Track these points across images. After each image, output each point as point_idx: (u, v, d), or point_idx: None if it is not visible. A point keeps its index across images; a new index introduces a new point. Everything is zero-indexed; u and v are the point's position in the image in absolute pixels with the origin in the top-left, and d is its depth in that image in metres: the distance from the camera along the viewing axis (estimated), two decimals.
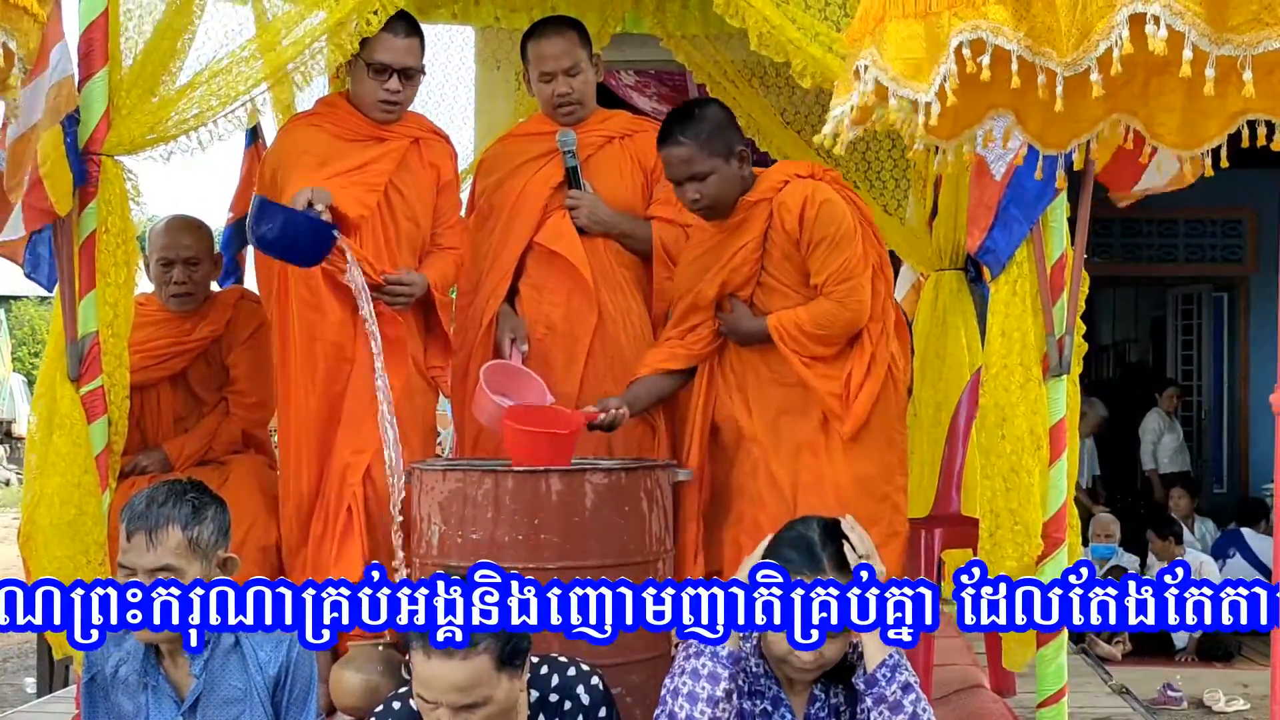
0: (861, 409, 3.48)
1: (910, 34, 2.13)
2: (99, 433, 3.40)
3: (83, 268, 3.38)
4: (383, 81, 3.73)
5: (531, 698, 2.47)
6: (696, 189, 3.50)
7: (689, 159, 3.47)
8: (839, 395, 3.50)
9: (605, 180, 3.95)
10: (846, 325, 3.51)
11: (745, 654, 2.61)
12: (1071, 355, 3.26)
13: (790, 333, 3.51)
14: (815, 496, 3.44)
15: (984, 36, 2.08)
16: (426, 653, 2.27)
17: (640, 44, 5.39)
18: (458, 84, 5.85)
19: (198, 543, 2.61)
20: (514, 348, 3.85)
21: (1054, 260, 3.26)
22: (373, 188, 3.71)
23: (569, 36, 3.89)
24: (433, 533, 3.25)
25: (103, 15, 3.36)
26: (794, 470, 3.53)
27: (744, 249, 3.57)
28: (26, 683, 7.25)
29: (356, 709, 3.35)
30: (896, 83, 2.12)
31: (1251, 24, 1.93)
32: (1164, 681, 7.06)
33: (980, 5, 2.09)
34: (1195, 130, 2.33)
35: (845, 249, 3.47)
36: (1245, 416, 11.04)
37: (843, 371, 3.52)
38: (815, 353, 3.52)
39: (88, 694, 2.72)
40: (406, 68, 3.75)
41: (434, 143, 3.93)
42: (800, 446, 3.54)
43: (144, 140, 3.39)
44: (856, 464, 3.50)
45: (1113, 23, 1.96)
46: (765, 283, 3.60)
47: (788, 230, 3.50)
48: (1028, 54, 2.07)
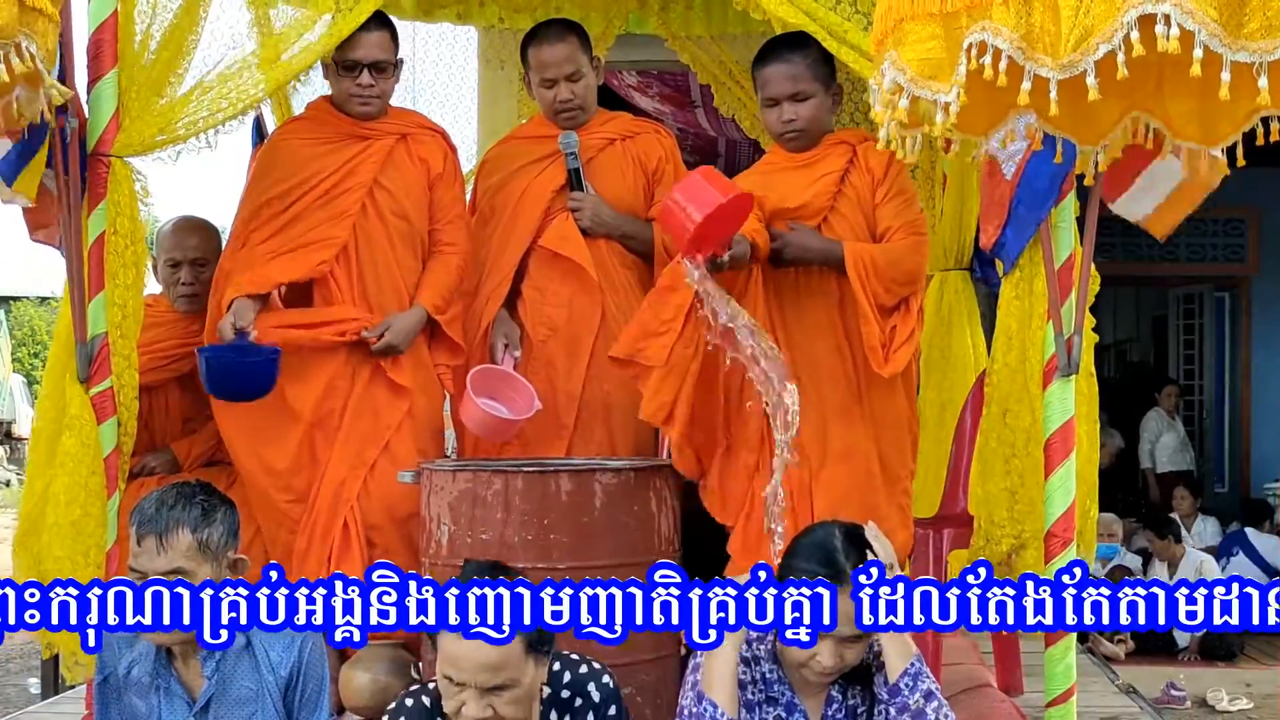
0: (901, 360, 3.42)
1: (929, 34, 2.14)
2: (108, 434, 3.41)
3: (92, 269, 3.38)
4: (354, 77, 3.74)
5: (544, 694, 2.49)
6: (794, 110, 3.48)
7: (795, 76, 3.45)
8: (885, 345, 3.43)
9: (607, 182, 3.95)
10: (910, 274, 3.45)
11: (759, 658, 2.61)
12: (1080, 354, 3.26)
13: (865, 262, 3.40)
14: (843, 466, 3.43)
15: (986, 38, 2.09)
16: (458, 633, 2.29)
17: (642, 44, 5.40)
18: (461, 84, 5.86)
19: (208, 545, 2.61)
20: (506, 353, 3.85)
21: (1062, 260, 3.26)
22: (320, 244, 3.70)
23: (570, 42, 3.88)
24: (443, 533, 3.25)
25: (112, 16, 3.36)
26: (823, 436, 3.47)
27: (826, 178, 3.52)
28: (30, 683, 7.26)
29: (366, 709, 3.35)
30: (914, 83, 2.13)
31: (1267, 30, 1.93)
32: (1167, 681, 7.07)
33: (988, 7, 2.10)
34: (1210, 128, 2.33)
35: (915, 212, 3.50)
36: (1247, 416, 11.05)
37: (888, 324, 3.45)
38: (876, 292, 3.42)
39: (100, 695, 2.72)
40: (376, 61, 3.74)
41: (424, 137, 3.91)
42: (828, 414, 3.48)
43: (153, 142, 3.39)
44: (882, 436, 3.48)
45: (1118, 24, 1.96)
46: (830, 220, 3.54)
47: (871, 169, 3.48)
48: (1019, 56, 2.08)
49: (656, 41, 5.17)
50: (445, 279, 3.84)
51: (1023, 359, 3.49)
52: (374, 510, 3.65)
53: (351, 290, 3.76)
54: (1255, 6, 1.93)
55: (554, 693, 2.52)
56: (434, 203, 3.88)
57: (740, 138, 8.20)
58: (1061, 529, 3.22)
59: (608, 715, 2.53)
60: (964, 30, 2.10)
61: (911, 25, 2.17)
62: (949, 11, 2.12)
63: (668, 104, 7.93)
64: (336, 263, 3.74)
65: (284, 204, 3.72)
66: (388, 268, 3.79)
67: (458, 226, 3.93)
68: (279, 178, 3.74)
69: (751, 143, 5.39)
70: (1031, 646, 3.63)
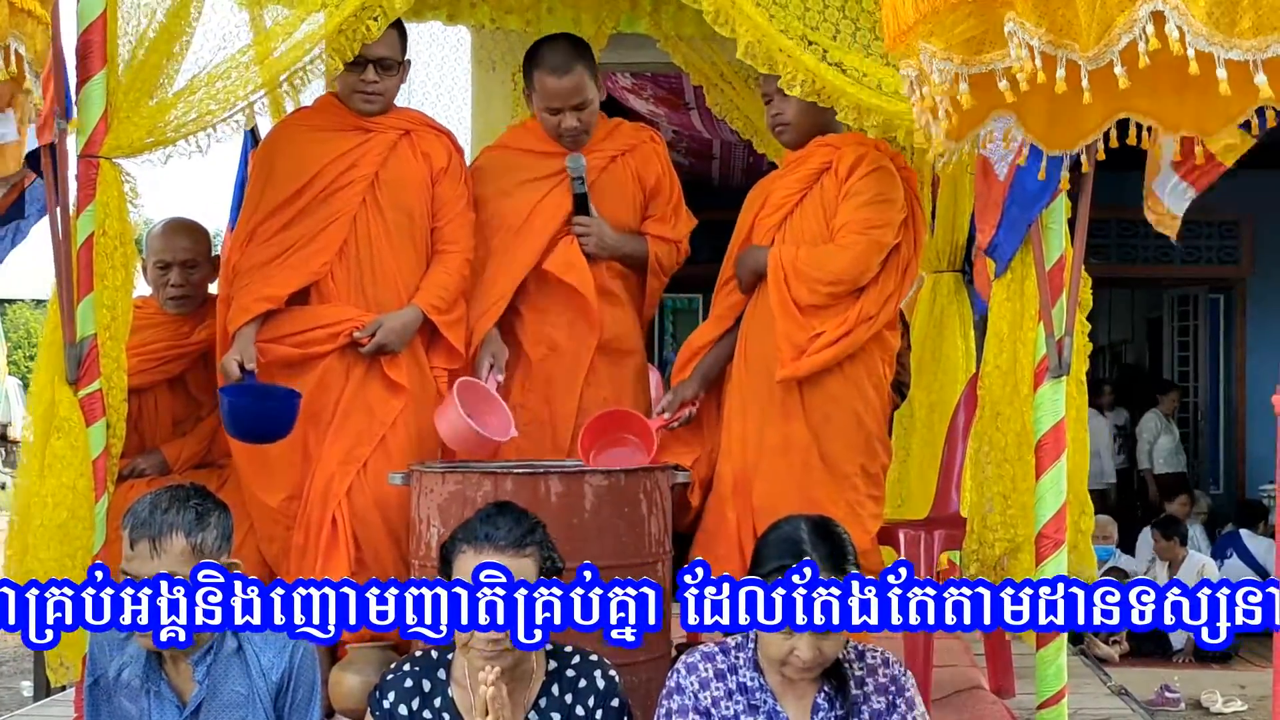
0: (810, 365, 3.50)
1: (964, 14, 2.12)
2: (97, 436, 3.39)
3: (81, 270, 3.37)
4: (359, 73, 3.74)
5: (550, 667, 2.59)
6: (781, 104, 3.62)
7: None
8: (797, 346, 3.51)
9: (608, 202, 3.93)
10: (839, 272, 3.52)
11: (738, 666, 2.60)
12: (1071, 357, 3.26)
13: (785, 265, 3.55)
14: (781, 460, 3.52)
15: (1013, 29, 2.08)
16: (476, 549, 2.49)
17: (636, 46, 5.39)
18: (454, 86, 5.85)
19: (201, 549, 2.59)
20: (491, 374, 3.84)
21: (1053, 261, 3.26)
22: (322, 247, 3.70)
23: (578, 73, 3.82)
24: (432, 535, 3.25)
25: (101, 17, 3.34)
26: (760, 427, 3.58)
27: (800, 180, 3.65)
28: (23, 686, 7.24)
29: (356, 711, 3.34)
30: (967, 64, 2.12)
31: (1257, 29, 1.93)
32: (1162, 683, 7.08)
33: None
34: (1200, 128, 2.32)
35: (874, 212, 3.53)
36: (1241, 418, 11.05)
37: (814, 329, 3.53)
38: (799, 295, 3.53)
39: (90, 698, 2.71)
40: (382, 58, 3.75)
41: (428, 134, 3.90)
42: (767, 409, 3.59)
43: (142, 143, 3.37)
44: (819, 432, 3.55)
45: (1134, 17, 1.96)
46: (791, 218, 3.65)
47: (838, 171, 3.57)
48: (1050, 48, 2.07)
49: (650, 43, 5.17)
50: (445, 279, 3.81)
51: (1014, 361, 3.49)
52: (363, 509, 3.64)
53: (349, 287, 3.75)
54: (1246, 5, 1.92)
55: (560, 668, 2.61)
56: (436, 198, 3.86)
57: (735, 140, 8.21)
58: (1052, 530, 3.22)
59: (609, 704, 2.59)
60: (999, 11, 2.08)
61: (943, 14, 2.15)
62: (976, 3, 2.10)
63: (662, 106, 7.92)
64: (336, 260, 3.73)
65: (289, 199, 3.72)
66: (385, 264, 3.77)
67: (460, 224, 3.89)
68: (284, 170, 3.74)
69: (746, 145, 5.38)
70: (1023, 648, 3.62)
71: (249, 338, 3.63)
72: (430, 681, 2.61)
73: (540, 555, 2.54)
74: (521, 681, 2.56)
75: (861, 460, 3.59)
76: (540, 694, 2.59)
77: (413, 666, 2.64)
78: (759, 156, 5.46)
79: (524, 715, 2.56)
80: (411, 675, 2.62)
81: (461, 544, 2.53)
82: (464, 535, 2.55)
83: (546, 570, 2.54)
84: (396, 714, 2.58)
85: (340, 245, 3.72)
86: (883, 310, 3.59)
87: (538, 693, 2.59)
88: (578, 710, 2.57)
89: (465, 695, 2.54)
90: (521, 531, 2.53)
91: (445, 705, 2.59)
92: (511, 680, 2.51)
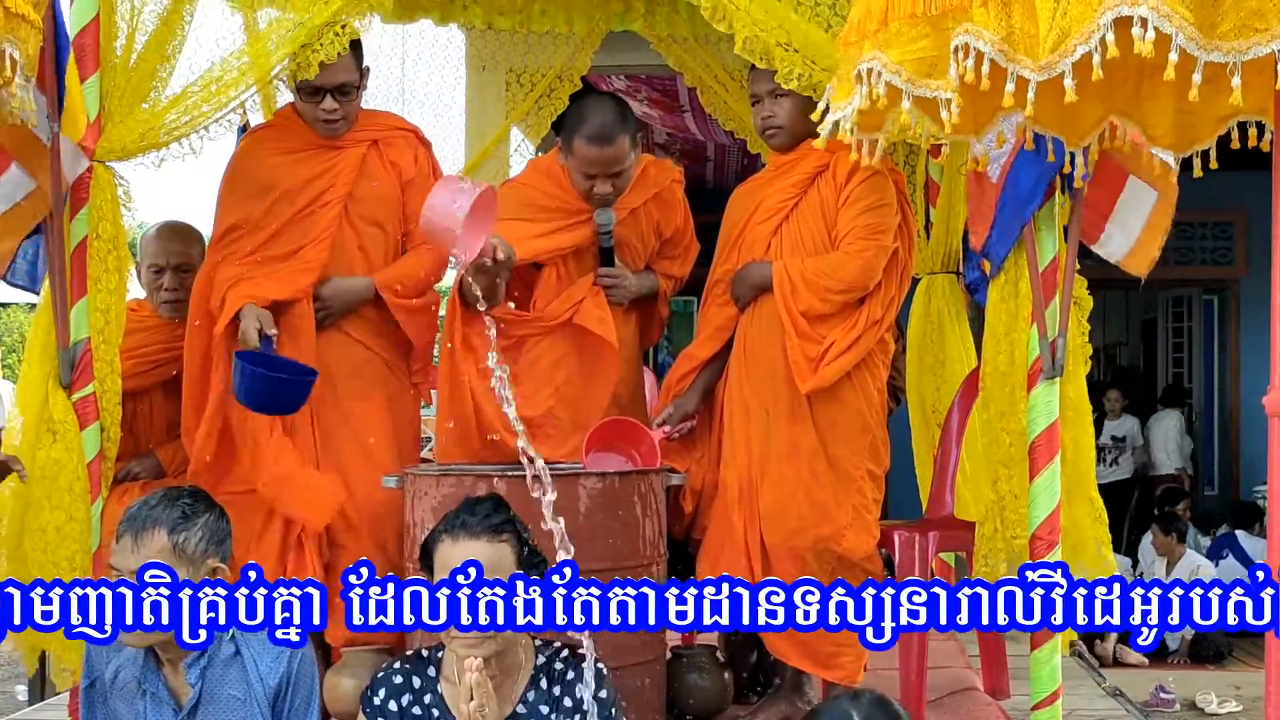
0: (830, 374, 3.48)
1: (919, 34, 2.13)
2: (91, 439, 3.39)
3: (74, 274, 3.37)
4: (317, 102, 3.64)
5: (538, 660, 2.61)
6: (773, 106, 3.60)
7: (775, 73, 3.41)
8: (812, 359, 3.50)
9: (629, 252, 3.85)
10: (851, 280, 3.51)
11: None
12: (1064, 358, 3.26)
13: (792, 278, 3.51)
14: (789, 464, 3.50)
15: (969, 40, 2.09)
16: (454, 536, 2.52)
17: (631, 48, 5.39)
18: (441, 85, 5.84)
19: (183, 548, 2.57)
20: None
21: (1046, 263, 3.26)
22: (308, 268, 3.63)
23: (619, 144, 3.62)
24: None
25: (94, 21, 3.35)
26: (766, 432, 3.56)
27: (794, 184, 3.63)
28: (18, 690, 7.24)
29: (350, 715, 3.33)
30: (912, 84, 2.12)
31: (1240, 30, 1.93)
32: (1156, 683, 7.09)
33: (969, 8, 2.10)
34: (1186, 133, 2.33)
35: (877, 217, 3.53)
36: (1236, 419, 11.07)
37: (825, 338, 3.52)
38: (809, 306, 3.50)
39: (86, 700, 2.71)
40: (341, 85, 3.63)
41: (395, 140, 3.83)
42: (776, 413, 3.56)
43: (136, 147, 3.37)
44: (826, 436, 3.53)
45: (1095, 26, 1.96)
46: (788, 223, 3.63)
47: (837, 176, 3.55)
48: (1001, 59, 2.08)
49: (645, 45, 5.16)
50: (414, 269, 3.74)
51: (1010, 362, 3.50)
52: (351, 513, 3.61)
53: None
54: (1228, 7, 1.93)
55: (548, 662, 2.63)
56: (406, 205, 3.79)
57: (729, 142, 8.22)
58: (1046, 531, 3.22)
59: (599, 695, 2.60)
60: (950, 31, 2.09)
61: (899, 25, 2.16)
62: (935, 14, 2.11)
63: (656, 108, 7.93)
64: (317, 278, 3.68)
65: (261, 221, 3.65)
66: (353, 273, 3.70)
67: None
68: (251, 194, 3.66)
69: (741, 147, 5.38)
70: (1018, 649, 3.63)
71: (265, 311, 3.52)
72: (420, 678, 2.63)
73: (516, 543, 2.55)
74: (509, 674, 2.58)
75: (868, 464, 3.58)
76: (528, 686, 2.60)
77: (403, 664, 2.67)
78: (753, 158, 5.45)
79: (512, 708, 2.57)
80: (401, 672, 2.64)
81: (441, 534, 2.56)
82: (443, 526, 2.58)
83: (526, 560, 2.55)
84: (387, 710, 2.60)
85: (322, 267, 3.66)
86: (887, 313, 3.59)
87: (525, 685, 2.60)
88: (565, 702, 2.59)
89: (454, 690, 2.55)
90: (498, 519, 2.55)
91: (435, 701, 2.61)
92: (499, 672, 2.52)
